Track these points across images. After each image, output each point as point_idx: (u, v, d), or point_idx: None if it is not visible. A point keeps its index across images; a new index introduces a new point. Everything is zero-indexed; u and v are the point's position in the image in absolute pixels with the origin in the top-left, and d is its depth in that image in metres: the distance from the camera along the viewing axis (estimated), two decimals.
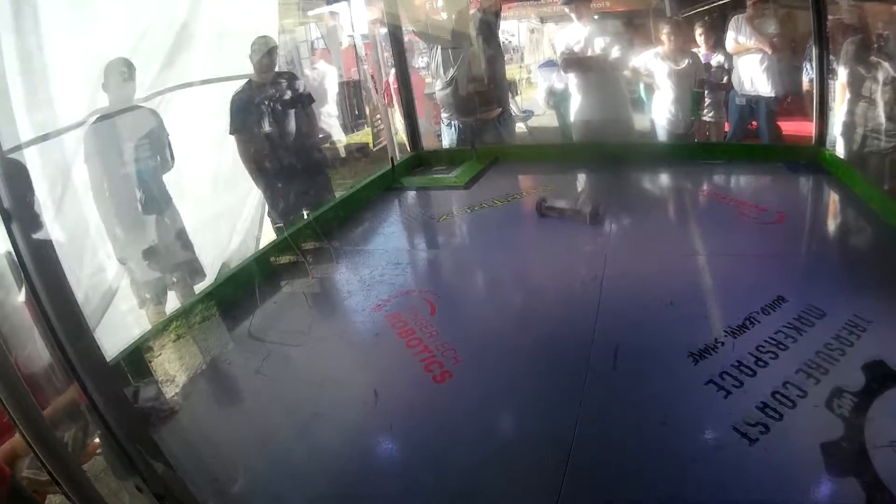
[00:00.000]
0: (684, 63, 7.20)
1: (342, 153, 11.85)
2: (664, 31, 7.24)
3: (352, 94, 13.80)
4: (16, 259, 1.79)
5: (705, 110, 8.01)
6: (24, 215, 1.75)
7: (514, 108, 9.38)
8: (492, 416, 2.87)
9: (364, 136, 13.45)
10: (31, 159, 4.73)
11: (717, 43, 8.23)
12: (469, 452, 2.60)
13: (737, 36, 7.74)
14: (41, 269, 1.82)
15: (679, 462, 2.39)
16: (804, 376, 2.72)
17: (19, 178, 1.76)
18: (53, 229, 4.89)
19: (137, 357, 3.27)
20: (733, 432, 2.45)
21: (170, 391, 3.23)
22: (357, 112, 13.96)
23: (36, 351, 2.08)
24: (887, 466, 2.19)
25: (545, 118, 12.72)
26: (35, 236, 1.80)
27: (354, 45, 13.74)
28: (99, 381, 1.94)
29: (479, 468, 2.52)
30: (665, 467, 2.38)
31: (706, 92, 7.90)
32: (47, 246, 1.84)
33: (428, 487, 2.50)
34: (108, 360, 2.36)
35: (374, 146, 12.69)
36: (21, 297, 2.33)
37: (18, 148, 1.87)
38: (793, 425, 2.47)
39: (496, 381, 3.03)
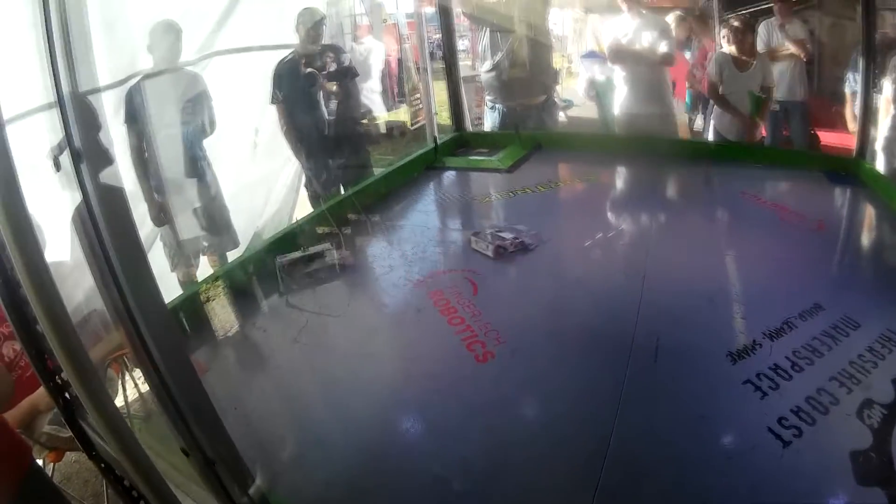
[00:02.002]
0: (751, 67, 6.83)
1: (383, 129, 11.83)
2: (730, 30, 6.94)
3: (392, 72, 13.72)
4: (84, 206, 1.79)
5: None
6: (94, 154, 1.73)
7: (556, 97, 9.32)
8: (533, 400, 2.94)
9: (402, 114, 13.40)
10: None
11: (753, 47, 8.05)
12: (510, 435, 2.66)
13: (768, 41, 7.67)
14: (110, 213, 1.80)
15: (715, 458, 2.46)
16: (837, 385, 2.75)
17: (90, 117, 1.75)
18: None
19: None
20: (768, 433, 2.50)
21: (202, 354, 3.29)
22: (396, 90, 13.89)
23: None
24: None
25: (583, 109, 12.68)
26: (106, 177, 1.78)
27: (396, 24, 13.74)
28: (158, 333, 1.91)
29: (518, 452, 2.58)
30: (702, 462, 2.44)
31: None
32: (117, 190, 1.82)
33: (465, 468, 2.55)
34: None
35: (412, 125, 12.65)
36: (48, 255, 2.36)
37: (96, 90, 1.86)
38: (825, 431, 2.51)
39: (538, 366, 3.08)
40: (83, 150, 1.72)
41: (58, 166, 1.76)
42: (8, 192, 1.82)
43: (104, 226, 1.79)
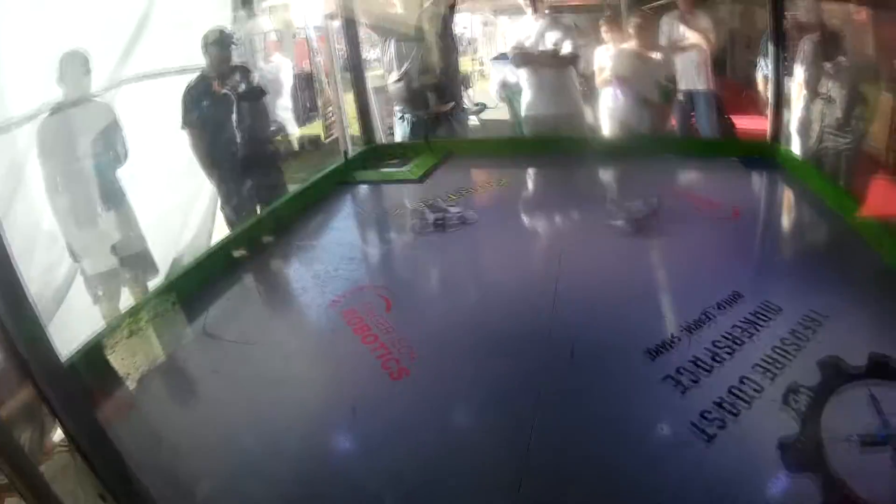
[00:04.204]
0: (652, 59, 7.04)
1: (295, 146, 11.83)
2: (632, 25, 7.08)
3: (304, 86, 13.74)
4: None
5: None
6: None
7: (466, 102, 9.36)
8: (450, 413, 2.85)
9: (315, 128, 13.40)
10: None
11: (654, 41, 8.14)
12: (429, 450, 2.58)
13: (670, 34, 7.77)
14: None
15: (639, 458, 2.40)
16: (761, 372, 2.73)
17: None
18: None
19: (92, 356, 3.20)
20: (692, 429, 2.46)
21: (124, 392, 3.18)
22: (309, 105, 13.91)
23: None
24: (844, 462, 2.20)
25: (496, 112, 12.77)
26: None
27: (307, 38, 13.69)
28: (56, 386, 1.87)
29: (439, 466, 2.50)
30: (626, 463, 2.38)
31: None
32: None
33: (388, 485, 2.47)
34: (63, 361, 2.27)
35: (326, 139, 12.64)
36: None
37: None
38: (750, 422, 2.48)
39: (453, 378, 3.00)
40: None
41: None
42: None
43: None
